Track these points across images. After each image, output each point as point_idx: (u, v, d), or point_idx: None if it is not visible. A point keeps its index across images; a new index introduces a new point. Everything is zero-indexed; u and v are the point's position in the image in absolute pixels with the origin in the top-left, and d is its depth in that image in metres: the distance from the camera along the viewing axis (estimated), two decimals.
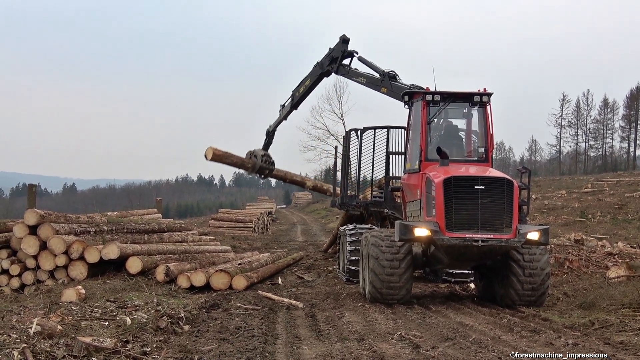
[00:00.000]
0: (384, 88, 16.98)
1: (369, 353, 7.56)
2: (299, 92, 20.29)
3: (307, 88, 20.17)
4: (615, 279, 13.17)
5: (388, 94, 16.70)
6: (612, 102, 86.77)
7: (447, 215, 10.91)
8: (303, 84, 20.24)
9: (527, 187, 12.72)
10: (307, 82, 20.13)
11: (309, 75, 19.94)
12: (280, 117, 21.20)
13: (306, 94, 20.34)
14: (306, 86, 20.17)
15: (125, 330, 8.29)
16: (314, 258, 22.05)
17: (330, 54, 19.28)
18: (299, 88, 20.31)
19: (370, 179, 17.89)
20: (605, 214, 28.78)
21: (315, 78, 19.81)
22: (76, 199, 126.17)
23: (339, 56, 19.02)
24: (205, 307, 11.13)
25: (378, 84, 17.34)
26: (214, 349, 7.79)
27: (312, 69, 19.91)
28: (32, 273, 13.89)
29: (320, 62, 19.62)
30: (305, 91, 20.21)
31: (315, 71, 19.80)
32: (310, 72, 19.98)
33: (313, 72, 19.88)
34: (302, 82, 20.29)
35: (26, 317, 8.61)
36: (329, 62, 19.33)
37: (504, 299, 11.71)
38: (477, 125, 13.23)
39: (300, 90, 20.29)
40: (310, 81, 19.95)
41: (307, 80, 20.07)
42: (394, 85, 16.47)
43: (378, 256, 11.53)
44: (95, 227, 15.31)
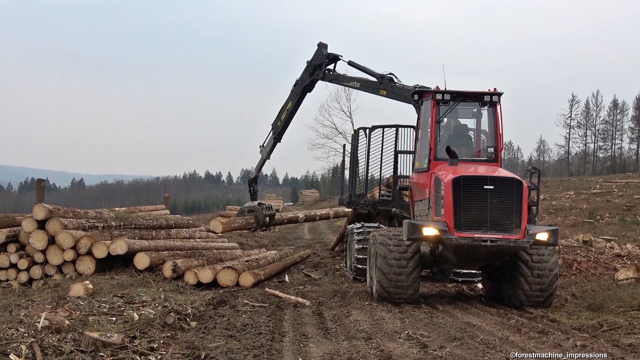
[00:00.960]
0: (383, 91, 16.81)
1: (376, 352, 7.54)
2: (280, 121, 19.22)
3: (289, 112, 19.12)
4: (623, 280, 13.11)
5: (388, 96, 16.62)
6: (621, 103, 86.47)
7: (455, 215, 10.88)
8: (284, 110, 19.21)
9: (537, 188, 12.66)
10: (288, 106, 19.11)
11: (289, 97, 18.97)
12: (263, 158, 19.99)
13: (290, 118, 19.33)
14: (288, 110, 19.15)
15: (133, 325, 8.31)
16: (321, 256, 22.02)
17: (311, 64, 18.45)
18: (280, 116, 19.23)
19: (379, 177, 17.85)
20: (613, 215, 28.65)
21: (298, 97, 18.84)
22: (84, 194, 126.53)
23: (322, 62, 18.24)
24: (212, 304, 11.14)
25: (376, 87, 17.08)
26: (221, 346, 7.80)
27: (292, 90, 18.91)
28: (40, 267, 13.94)
29: (300, 78, 18.72)
30: (288, 116, 19.20)
31: (296, 90, 18.86)
32: (290, 94, 18.96)
33: (294, 92, 18.90)
34: (282, 109, 19.24)
35: (34, 311, 8.64)
36: (311, 72, 18.53)
37: (511, 300, 11.67)
38: (486, 125, 13.18)
39: (282, 118, 19.24)
40: (292, 103, 18.98)
41: (288, 103, 19.06)
42: (395, 87, 16.35)
43: (386, 255, 11.50)
44: (104, 223, 15.35)
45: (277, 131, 19.35)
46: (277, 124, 19.33)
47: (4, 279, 14.03)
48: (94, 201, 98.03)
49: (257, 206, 19.82)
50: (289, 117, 19.21)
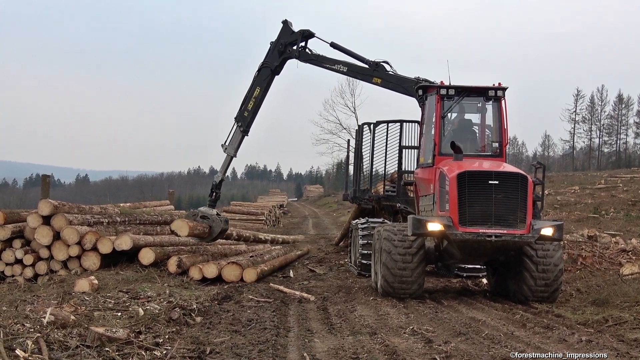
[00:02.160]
0: (377, 78, 15.64)
1: (381, 347, 7.55)
2: (248, 111, 16.67)
3: (257, 100, 16.74)
4: (628, 275, 13.09)
5: (383, 85, 15.61)
6: (626, 98, 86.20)
7: (460, 210, 10.87)
8: (250, 98, 16.76)
9: (542, 183, 12.65)
10: (256, 93, 16.69)
11: (256, 84, 16.68)
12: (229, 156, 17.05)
13: (258, 107, 16.89)
14: (256, 98, 16.73)
15: (138, 321, 8.32)
16: (326, 251, 22.06)
17: (279, 42, 16.32)
18: (246, 106, 16.71)
19: (383, 173, 17.83)
20: (618, 210, 28.56)
21: (267, 82, 16.67)
22: (89, 190, 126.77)
23: (296, 39, 16.14)
24: (217, 299, 11.15)
25: (368, 74, 15.80)
26: (226, 341, 7.81)
27: (257, 76, 16.72)
28: (45, 263, 13.97)
29: (266, 60, 16.55)
30: (256, 105, 16.77)
31: (263, 74, 16.63)
32: (254, 80, 16.72)
33: (260, 77, 16.67)
34: (246, 98, 16.84)
35: (40, 306, 8.65)
36: (281, 51, 16.35)
37: (516, 295, 11.66)
38: (491, 120, 13.15)
39: (249, 108, 16.72)
40: (261, 89, 16.68)
41: (254, 90, 16.69)
42: (392, 76, 15.47)
43: (390, 250, 11.50)
44: (108, 218, 15.37)
45: (245, 123, 16.67)
46: (244, 114, 16.68)
47: (9, 274, 14.06)
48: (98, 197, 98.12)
49: (215, 216, 16.23)
50: (257, 106, 16.73)
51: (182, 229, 14.08)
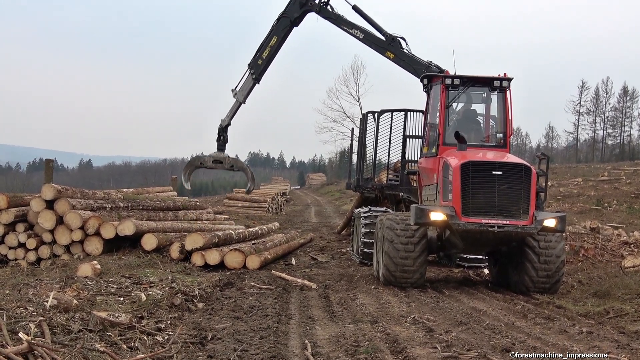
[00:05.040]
0: (390, 53, 15.52)
1: (382, 335, 7.57)
2: (262, 59, 16.48)
3: (273, 49, 16.47)
4: (630, 268, 13.11)
5: (395, 61, 15.55)
6: (631, 90, 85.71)
7: (463, 200, 10.87)
8: (266, 46, 16.48)
9: (545, 174, 12.64)
10: (272, 42, 16.45)
11: (273, 33, 16.44)
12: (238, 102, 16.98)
13: (272, 56, 16.65)
14: (272, 47, 16.45)
15: (140, 306, 8.34)
16: (328, 239, 22.08)
17: None
18: (261, 54, 16.51)
19: (386, 162, 17.81)
20: (621, 202, 28.53)
21: (284, 32, 16.39)
22: (92, 175, 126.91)
23: None
24: (219, 286, 11.18)
25: (383, 46, 15.60)
26: (227, 327, 7.83)
27: (275, 25, 16.47)
28: (48, 247, 14.00)
29: (286, 11, 16.24)
30: (271, 54, 16.53)
31: (282, 24, 16.36)
32: (272, 29, 16.49)
33: (279, 26, 16.40)
34: (262, 45, 16.54)
35: (42, 290, 8.69)
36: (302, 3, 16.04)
37: (518, 286, 11.68)
38: (495, 110, 13.12)
39: (264, 56, 16.48)
40: (277, 38, 16.44)
41: (271, 39, 16.43)
42: (405, 55, 15.37)
43: (393, 239, 11.51)
44: (112, 204, 15.39)
45: (258, 71, 16.52)
46: (258, 62, 16.51)
47: (12, 258, 14.09)
48: (101, 182, 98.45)
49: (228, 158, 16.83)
50: (272, 55, 16.53)
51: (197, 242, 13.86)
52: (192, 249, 13.63)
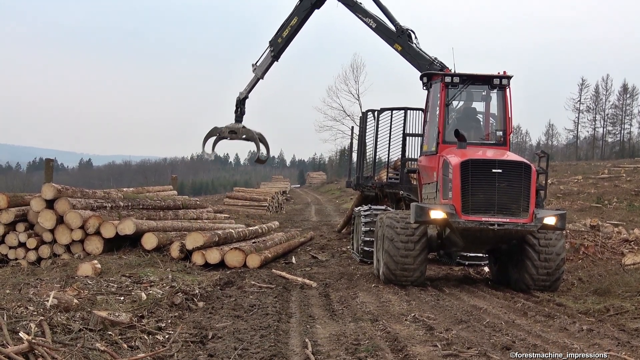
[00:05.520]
0: (398, 45, 15.74)
1: (383, 334, 7.57)
2: (282, 38, 17.03)
3: (293, 29, 16.95)
4: (630, 265, 13.08)
5: (402, 54, 15.72)
6: (631, 88, 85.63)
7: (463, 198, 10.86)
8: (287, 26, 17.03)
9: (545, 172, 12.63)
10: (293, 22, 16.97)
11: (294, 13, 16.92)
12: (256, 77, 17.67)
13: (292, 36, 17.21)
14: (292, 27, 16.94)
15: (141, 305, 8.36)
16: (328, 238, 22.08)
17: None
18: (281, 33, 17.07)
19: (386, 160, 17.79)
20: (621, 200, 28.53)
21: (305, 13, 16.84)
22: (92, 175, 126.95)
23: None
24: (219, 285, 11.19)
25: (392, 37, 15.86)
26: (228, 326, 7.84)
27: (297, 5, 16.93)
28: (48, 247, 14.01)
29: None
30: (291, 33, 17.07)
31: (304, 5, 16.81)
32: (294, 10, 16.96)
33: (301, 7, 16.87)
34: (283, 25, 17.10)
35: (43, 290, 8.69)
36: None
37: (518, 283, 11.68)
38: (495, 108, 13.12)
39: (284, 35, 17.04)
40: (298, 19, 16.92)
41: (292, 19, 16.95)
42: (412, 48, 15.51)
43: (393, 238, 11.51)
44: (112, 203, 15.39)
45: (277, 49, 17.12)
46: (278, 41, 17.07)
47: (12, 257, 14.10)
48: (101, 181, 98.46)
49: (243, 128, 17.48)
50: (291, 35, 17.06)
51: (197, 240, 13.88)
52: (192, 248, 13.66)
